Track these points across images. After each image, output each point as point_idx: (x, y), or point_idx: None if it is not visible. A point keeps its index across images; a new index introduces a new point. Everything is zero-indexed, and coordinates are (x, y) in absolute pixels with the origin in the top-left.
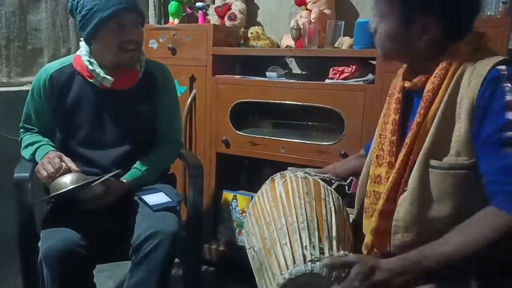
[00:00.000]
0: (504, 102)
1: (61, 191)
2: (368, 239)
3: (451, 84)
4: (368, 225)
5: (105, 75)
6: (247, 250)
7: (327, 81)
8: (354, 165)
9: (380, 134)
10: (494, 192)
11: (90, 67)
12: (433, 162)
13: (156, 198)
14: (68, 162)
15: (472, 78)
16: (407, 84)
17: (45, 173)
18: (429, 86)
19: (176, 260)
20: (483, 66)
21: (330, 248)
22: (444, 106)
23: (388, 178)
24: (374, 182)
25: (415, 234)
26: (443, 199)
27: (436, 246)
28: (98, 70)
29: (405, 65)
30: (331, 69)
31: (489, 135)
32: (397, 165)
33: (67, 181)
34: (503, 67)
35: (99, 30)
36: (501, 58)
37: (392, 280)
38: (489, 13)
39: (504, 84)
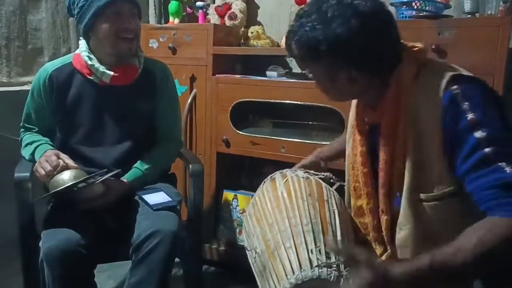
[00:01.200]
0: (467, 123)
1: (60, 188)
2: None
3: (408, 117)
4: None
5: (104, 70)
6: (247, 251)
7: None
8: (341, 147)
9: (353, 166)
10: (489, 207)
11: (89, 62)
12: (422, 196)
13: (156, 197)
14: (66, 159)
15: (429, 105)
16: (367, 118)
17: (43, 172)
18: (385, 122)
19: (177, 259)
20: (435, 92)
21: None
22: (412, 141)
23: (369, 209)
24: (357, 215)
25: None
26: (446, 226)
27: (446, 252)
28: (97, 65)
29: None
30: None
31: (465, 158)
32: (383, 207)
33: (65, 177)
34: (454, 86)
35: (97, 20)
36: (448, 74)
37: (409, 284)
38: (489, 12)
39: (461, 104)
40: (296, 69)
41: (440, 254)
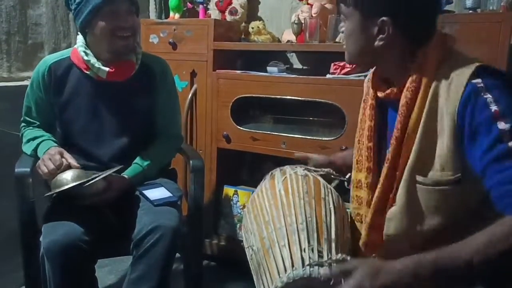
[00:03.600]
0: (490, 114)
1: (62, 188)
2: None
3: (428, 98)
4: (360, 229)
5: (100, 66)
6: (245, 249)
7: (328, 76)
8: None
9: (359, 140)
10: (507, 204)
11: (85, 58)
12: (418, 178)
13: (157, 193)
14: (69, 159)
15: (449, 93)
16: (380, 94)
17: (45, 170)
18: (403, 100)
19: (177, 255)
20: (459, 80)
21: (329, 250)
22: (424, 121)
23: (367, 183)
24: (356, 187)
25: (407, 246)
26: (432, 213)
27: (455, 249)
28: (93, 60)
29: (371, 71)
30: (332, 64)
31: (486, 150)
32: (381, 180)
33: (68, 177)
34: (478, 80)
35: (94, 18)
36: (473, 66)
37: (401, 282)
38: (491, 8)
39: (485, 96)
40: (297, 64)
41: (446, 250)
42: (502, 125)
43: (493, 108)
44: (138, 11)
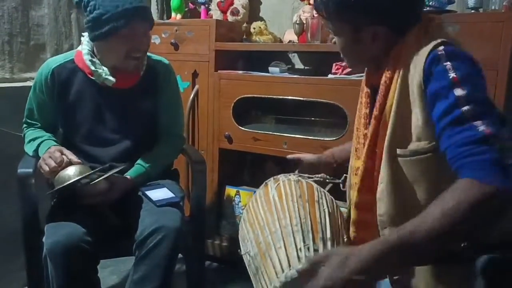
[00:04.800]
0: (448, 81)
1: (66, 184)
2: (351, 231)
3: (400, 73)
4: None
5: (107, 76)
6: (243, 256)
7: (330, 76)
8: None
9: (357, 128)
10: (460, 166)
11: (93, 68)
12: (398, 151)
13: (159, 193)
14: (69, 155)
15: (416, 63)
16: (372, 79)
17: (47, 168)
18: (382, 80)
19: (180, 255)
20: (424, 50)
21: (325, 249)
22: (398, 95)
23: None
24: (355, 174)
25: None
26: (417, 185)
27: (414, 224)
28: (100, 71)
29: None
30: (334, 64)
31: (442, 115)
32: (362, 158)
33: (70, 173)
34: (441, 47)
35: (110, 36)
36: (439, 40)
37: (370, 266)
38: (493, 8)
39: (445, 63)
40: (299, 65)
41: (408, 225)
42: (458, 92)
43: (451, 75)
44: (152, 26)
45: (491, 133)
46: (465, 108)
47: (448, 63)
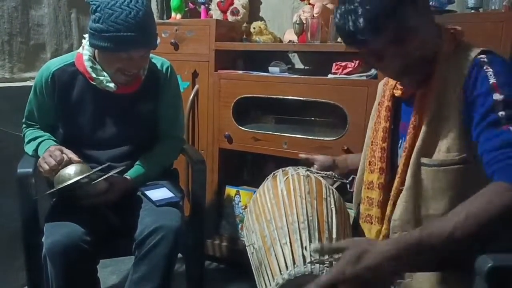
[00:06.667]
0: (488, 86)
1: (67, 183)
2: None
3: (437, 87)
4: (370, 230)
5: (108, 84)
6: (246, 247)
7: (330, 76)
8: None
9: (372, 141)
10: (495, 170)
11: (94, 75)
12: (423, 160)
13: (159, 193)
14: (69, 154)
15: (457, 71)
16: (397, 93)
17: (47, 167)
18: (419, 92)
19: (179, 255)
20: (464, 62)
21: None
22: (434, 105)
23: (379, 184)
24: (367, 188)
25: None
26: (437, 196)
27: (436, 225)
28: (102, 78)
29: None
30: (334, 64)
31: (481, 118)
32: (399, 170)
33: (70, 172)
34: (482, 55)
35: (107, 52)
36: (479, 49)
37: (385, 264)
38: (493, 7)
39: (486, 69)
40: (299, 65)
41: (429, 225)
42: (496, 96)
43: (492, 80)
44: (155, 47)
45: None
46: (502, 112)
47: (490, 69)
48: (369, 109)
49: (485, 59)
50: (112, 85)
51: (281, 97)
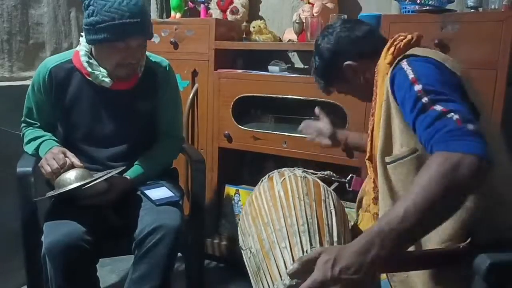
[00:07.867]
0: (409, 81)
1: (67, 188)
2: None
3: (381, 94)
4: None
5: (103, 78)
6: (242, 251)
7: None
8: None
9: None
10: (432, 144)
11: (89, 69)
12: (386, 159)
13: (159, 192)
14: (72, 158)
15: (385, 78)
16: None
17: (49, 169)
18: (374, 97)
19: (179, 254)
20: (392, 66)
21: None
22: (383, 110)
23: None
24: (374, 204)
25: None
26: (406, 188)
27: (392, 209)
28: (97, 72)
29: None
30: None
31: (411, 109)
32: (373, 172)
33: (72, 177)
34: (403, 60)
35: (103, 44)
36: (402, 56)
37: (359, 260)
38: (493, 7)
39: (405, 69)
40: (298, 64)
41: (388, 211)
42: (417, 87)
43: (411, 76)
44: (151, 37)
45: (448, 109)
46: (425, 98)
47: (408, 67)
48: (368, 108)
49: (406, 63)
50: (107, 79)
51: (281, 96)
